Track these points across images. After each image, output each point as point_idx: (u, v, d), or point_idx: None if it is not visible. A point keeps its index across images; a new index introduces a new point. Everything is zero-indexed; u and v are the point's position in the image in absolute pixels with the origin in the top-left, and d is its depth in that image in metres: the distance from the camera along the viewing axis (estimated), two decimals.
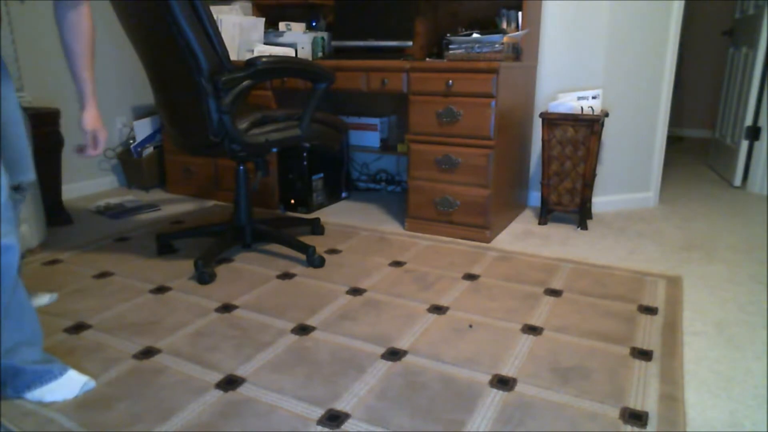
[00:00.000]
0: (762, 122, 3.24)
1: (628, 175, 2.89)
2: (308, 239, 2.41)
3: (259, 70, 1.86)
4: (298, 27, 2.95)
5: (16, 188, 1.42)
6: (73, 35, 1.38)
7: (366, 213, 2.83)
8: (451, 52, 2.38)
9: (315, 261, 2.10)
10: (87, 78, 1.42)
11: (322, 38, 2.92)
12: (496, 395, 1.32)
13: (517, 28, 2.56)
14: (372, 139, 3.01)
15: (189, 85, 1.84)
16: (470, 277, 2.01)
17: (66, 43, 1.39)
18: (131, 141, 3.24)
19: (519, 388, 1.35)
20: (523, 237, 2.46)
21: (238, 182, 2.15)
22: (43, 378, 1.30)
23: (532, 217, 2.76)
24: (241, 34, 2.83)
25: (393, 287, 1.92)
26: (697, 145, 4.93)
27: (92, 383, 1.37)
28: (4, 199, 1.16)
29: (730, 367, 1.46)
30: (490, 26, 2.73)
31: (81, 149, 1.52)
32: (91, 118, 1.46)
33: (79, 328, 1.64)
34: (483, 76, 2.22)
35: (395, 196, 3.15)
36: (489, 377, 1.39)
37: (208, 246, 2.10)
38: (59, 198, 2.62)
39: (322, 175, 2.88)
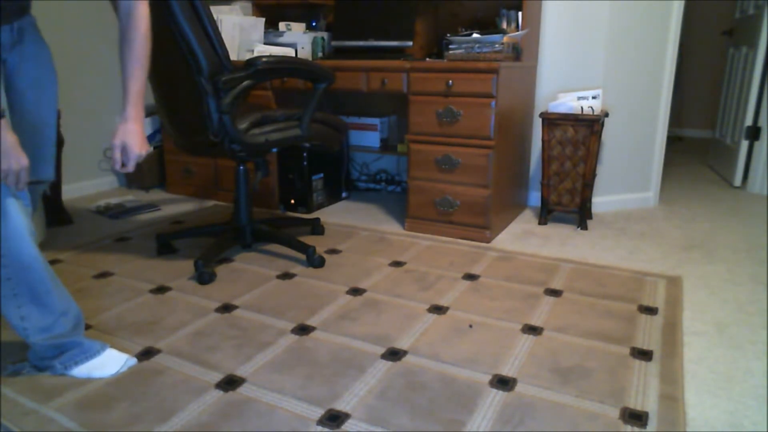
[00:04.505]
0: (762, 122, 3.23)
1: (628, 175, 2.89)
2: (308, 239, 2.41)
3: (259, 70, 1.86)
4: (298, 27, 2.95)
5: (36, 181, 1.48)
6: (123, 42, 1.34)
7: (366, 213, 2.83)
8: (451, 52, 2.38)
9: (315, 261, 2.10)
10: (129, 88, 1.35)
11: (322, 38, 2.92)
12: (496, 395, 1.32)
13: (517, 28, 2.56)
14: (372, 139, 3.01)
15: (189, 85, 1.84)
16: (470, 277, 2.01)
17: (119, 51, 1.36)
18: None
19: (519, 388, 1.35)
20: (523, 237, 2.46)
21: (238, 182, 2.15)
22: (89, 353, 1.40)
23: (532, 217, 2.76)
24: (241, 34, 2.83)
25: (393, 287, 1.92)
26: (697, 145, 4.93)
27: (133, 360, 1.45)
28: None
29: (730, 367, 1.46)
30: (490, 26, 2.73)
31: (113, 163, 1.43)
32: (122, 130, 1.35)
33: None
34: (483, 76, 2.22)
35: (395, 196, 3.15)
36: (489, 377, 1.39)
37: (208, 246, 2.10)
38: (59, 198, 2.62)
39: (322, 175, 2.88)
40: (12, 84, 1.34)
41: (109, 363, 1.42)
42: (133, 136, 1.35)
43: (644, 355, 1.49)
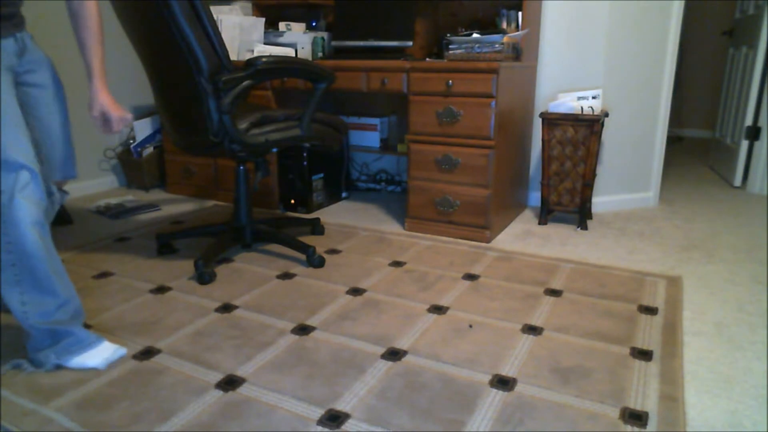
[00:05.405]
0: (762, 122, 3.24)
1: (628, 175, 2.89)
2: (308, 239, 2.41)
3: (259, 70, 1.85)
4: (298, 27, 2.95)
5: (60, 188, 1.59)
6: (77, 24, 1.43)
7: (366, 213, 2.83)
8: (451, 52, 2.38)
9: (315, 261, 2.10)
10: (92, 62, 1.46)
11: (322, 38, 2.92)
12: (496, 395, 1.32)
13: (517, 28, 2.56)
14: (372, 139, 3.01)
15: (189, 86, 1.84)
16: (470, 277, 2.01)
17: (74, 32, 1.45)
18: (131, 141, 3.24)
19: (519, 388, 1.35)
20: (523, 237, 2.46)
21: (238, 182, 2.15)
22: (84, 343, 1.44)
23: (532, 217, 2.76)
24: (241, 34, 2.83)
25: (393, 287, 1.92)
26: (697, 145, 4.93)
27: (123, 350, 1.49)
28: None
29: (730, 367, 1.46)
30: (490, 26, 2.73)
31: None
32: (97, 103, 1.48)
33: None
34: (483, 76, 2.22)
35: (395, 196, 3.15)
36: (489, 377, 1.39)
37: (208, 246, 2.10)
38: None
39: (322, 175, 2.88)
40: (25, 92, 1.41)
41: (102, 353, 1.45)
42: (109, 104, 1.48)
43: (644, 355, 1.49)
